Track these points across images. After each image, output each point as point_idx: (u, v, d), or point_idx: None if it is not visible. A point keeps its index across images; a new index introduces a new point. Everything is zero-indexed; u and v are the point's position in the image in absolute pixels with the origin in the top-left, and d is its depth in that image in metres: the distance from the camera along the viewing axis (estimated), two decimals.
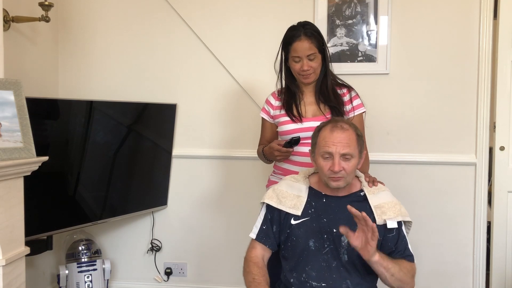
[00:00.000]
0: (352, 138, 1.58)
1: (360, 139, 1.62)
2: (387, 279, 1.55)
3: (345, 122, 1.62)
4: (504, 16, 2.51)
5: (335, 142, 1.56)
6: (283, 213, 1.67)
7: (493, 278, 2.62)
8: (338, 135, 1.57)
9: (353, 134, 1.59)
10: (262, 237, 1.69)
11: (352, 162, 1.58)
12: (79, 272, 2.54)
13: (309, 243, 1.62)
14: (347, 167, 1.57)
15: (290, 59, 1.98)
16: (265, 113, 2.14)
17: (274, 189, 1.74)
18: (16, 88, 1.73)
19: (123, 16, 2.83)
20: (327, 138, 1.58)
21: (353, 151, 1.58)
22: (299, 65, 1.95)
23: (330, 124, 1.61)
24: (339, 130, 1.58)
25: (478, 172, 2.58)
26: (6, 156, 1.62)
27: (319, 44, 1.95)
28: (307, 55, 1.92)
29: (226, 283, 2.83)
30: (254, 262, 1.66)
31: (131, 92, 2.82)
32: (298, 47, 1.92)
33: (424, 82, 2.60)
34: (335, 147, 1.55)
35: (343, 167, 1.56)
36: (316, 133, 1.65)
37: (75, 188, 2.46)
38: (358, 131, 1.63)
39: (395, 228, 1.62)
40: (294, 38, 1.93)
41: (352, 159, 1.58)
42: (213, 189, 2.84)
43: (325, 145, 1.57)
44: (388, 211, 1.62)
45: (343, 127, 1.59)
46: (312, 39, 1.93)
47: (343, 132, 1.57)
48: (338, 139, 1.56)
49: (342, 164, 1.56)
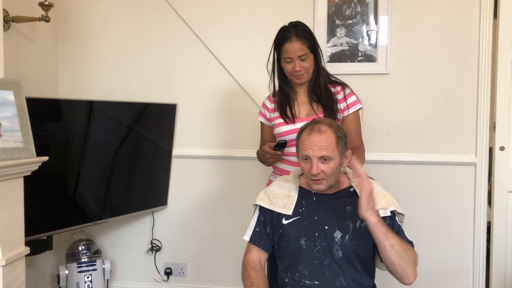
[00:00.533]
0: (330, 140, 1.56)
1: (341, 140, 1.59)
2: (386, 251, 1.48)
3: (324, 124, 1.60)
4: (504, 16, 2.51)
5: (312, 146, 1.56)
6: (275, 214, 1.67)
7: (493, 278, 2.62)
8: (315, 138, 1.56)
9: (332, 136, 1.57)
10: (255, 239, 1.70)
11: (331, 164, 1.56)
12: (79, 272, 2.54)
13: (301, 242, 1.62)
14: (326, 169, 1.56)
15: (282, 60, 1.98)
16: (262, 116, 2.15)
17: (266, 191, 1.75)
18: (16, 88, 1.73)
19: (123, 16, 2.83)
20: (305, 142, 1.58)
21: (331, 153, 1.56)
22: (291, 66, 1.94)
23: (309, 127, 1.61)
24: (316, 133, 1.57)
25: (478, 172, 2.58)
26: (6, 156, 1.62)
27: (311, 44, 1.94)
28: (299, 56, 1.92)
29: (226, 283, 2.83)
30: (251, 265, 1.67)
31: (131, 92, 2.82)
32: (289, 48, 1.92)
33: (424, 82, 2.60)
34: (311, 151, 1.55)
35: (321, 169, 1.55)
36: (298, 135, 1.65)
37: (75, 188, 2.46)
38: (339, 132, 1.60)
39: (388, 217, 1.60)
40: (285, 40, 1.93)
41: (330, 161, 1.56)
42: (213, 189, 2.84)
43: (303, 148, 1.58)
44: (379, 202, 1.61)
45: (320, 129, 1.57)
46: (303, 40, 1.92)
47: (320, 135, 1.56)
48: (315, 142, 1.56)
49: (320, 166, 1.55)
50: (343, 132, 1.62)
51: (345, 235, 1.59)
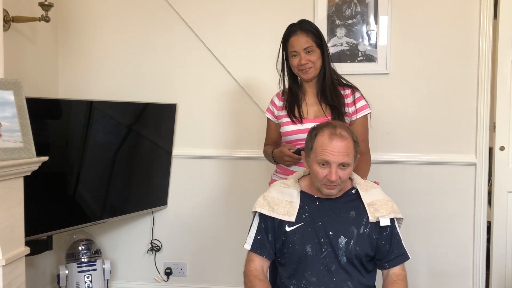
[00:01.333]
0: (350, 146, 1.54)
1: (357, 145, 1.59)
2: None
3: (343, 129, 1.57)
4: (504, 16, 2.51)
5: (334, 152, 1.51)
6: (277, 220, 1.64)
7: (493, 278, 2.62)
8: (338, 144, 1.52)
9: (351, 142, 1.55)
10: (257, 248, 1.65)
11: (348, 170, 1.56)
12: (79, 272, 2.54)
13: (306, 249, 1.59)
14: (343, 176, 1.54)
15: (289, 56, 1.99)
16: (270, 113, 2.15)
17: (265, 197, 1.69)
18: (16, 88, 1.73)
19: (123, 16, 2.83)
20: (325, 146, 1.53)
21: (351, 160, 1.55)
22: (297, 59, 1.95)
23: (328, 130, 1.55)
24: (338, 138, 1.52)
25: (478, 172, 2.58)
26: (6, 156, 1.62)
27: (317, 38, 1.96)
28: (304, 48, 1.93)
29: (226, 283, 2.83)
30: (254, 275, 1.62)
31: (131, 92, 2.82)
32: (294, 41, 1.95)
33: (424, 82, 2.60)
34: (333, 157, 1.51)
35: (339, 176, 1.53)
36: (312, 137, 1.59)
37: (75, 188, 2.46)
38: (354, 136, 1.59)
39: (388, 226, 1.61)
40: (291, 34, 1.96)
41: (348, 167, 1.55)
42: (213, 189, 2.84)
43: (323, 153, 1.53)
44: (380, 209, 1.61)
45: (342, 135, 1.53)
46: (308, 33, 1.94)
47: (342, 141, 1.53)
48: (337, 148, 1.51)
49: (339, 173, 1.53)
50: (356, 138, 1.60)
51: (349, 241, 1.58)
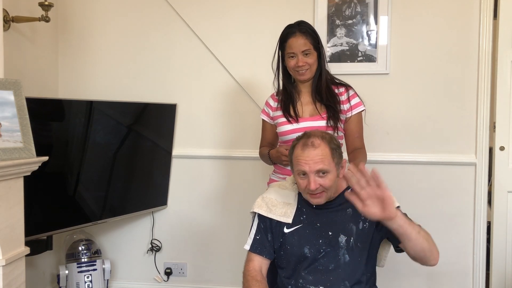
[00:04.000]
0: (326, 153, 1.53)
1: (336, 151, 1.57)
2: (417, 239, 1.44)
3: (317, 137, 1.56)
4: (504, 16, 2.51)
5: (307, 161, 1.52)
6: (274, 221, 1.65)
7: (493, 278, 2.62)
8: (310, 153, 1.52)
9: (326, 149, 1.54)
10: (257, 248, 1.66)
11: (329, 177, 1.54)
12: (79, 272, 2.54)
13: (304, 250, 1.60)
14: (324, 183, 1.53)
15: (286, 56, 1.99)
16: (265, 114, 2.15)
17: (263, 198, 1.72)
18: (16, 88, 1.73)
19: (123, 16, 2.83)
20: (299, 157, 1.54)
21: (328, 166, 1.53)
22: (294, 61, 1.96)
23: (301, 141, 1.57)
24: (310, 148, 1.53)
25: (478, 172, 2.58)
26: (6, 156, 1.62)
27: (314, 41, 1.96)
28: (302, 50, 1.94)
29: (226, 283, 2.83)
30: (252, 276, 1.63)
31: (131, 92, 2.82)
32: (293, 43, 1.95)
33: (424, 82, 2.60)
34: (308, 166, 1.52)
35: (319, 184, 1.53)
36: (291, 150, 1.62)
37: (75, 188, 2.46)
38: (332, 143, 1.57)
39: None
40: (290, 35, 1.96)
41: (328, 174, 1.53)
42: (213, 189, 2.84)
43: (298, 164, 1.54)
44: None
45: (314, 144, 1.53)
46: (307, 35, 1.95)
47: (314, 149, 1.53)
48: (310, 156, 1.52)
49: (318, 181, 1.52)
50: (336, 143, 1.60)
51: (349, 239, 1.58)
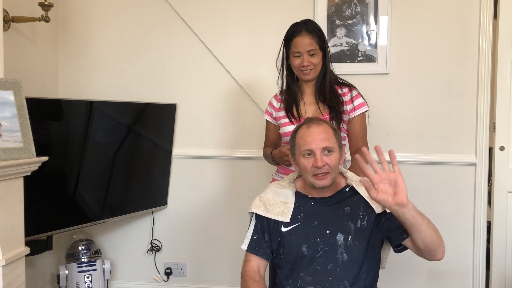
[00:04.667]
0: (329, 131, 1.59)
1: (337, 133, 1.62)
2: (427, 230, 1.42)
3: (319, 119, 1.63)
4: (504, 16, 2.51)
5: (314, 138, 1.56)
6: (272, 221, 1.64)
7: (493, 278, 2.62)
8: (315, 130, 1.57)
9: (329, 128, 1.60)
10: (254, 248, 1.66)
11: (334, 155, 1.57)
12: (79, 272, 2.54)
13: (302, 249, 1.59)
14: (330, 161, 1.55)
15: (291, 55, 1.98)
16: (268, 115, 2.14)
17: (261, 198, 1.71)
18: (16, 88, 1.73)
19: (123, 16, 2.83)
20: (305, 136, 1.57)
21: (333, 144, 1.57)
22: (299, 60, 1.95)
23: (305, 124, 1.62)
24: (315, 125, 1.58)
25: (478, 172, 2.58)
26: (6, 156, 1.62)
27: (320, 41, 1.95)
28: (308, 50, 1.92)
29: (226, 283, 2.83)
30: (250, 276, 1.62)
31: (131, 92, 2.82)
32: (299, 42, 1.93)
33: (424, 82, 2.60)
34: (314, 143, 1.55)
35: (326, 161, 1.55)
36: (293, 135, 1.65)
37: (75, 188, 2.46)
38: (333, 125, 1.66)
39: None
40: (296, 34, 1.95)
41: (333, 153, 1.57)
42: (213, 189, 2.84)
43: (304, 143, 1.57)
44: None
45: (318, 122, 1.60)
46: (313, 35, 1.93)
47: (319, 127, 1.58)
48: (316, 134, 1.56)
49: (324, 159, 1.55)
50: (335, 127, 1.67)
51: (347, 237, 1.57)
